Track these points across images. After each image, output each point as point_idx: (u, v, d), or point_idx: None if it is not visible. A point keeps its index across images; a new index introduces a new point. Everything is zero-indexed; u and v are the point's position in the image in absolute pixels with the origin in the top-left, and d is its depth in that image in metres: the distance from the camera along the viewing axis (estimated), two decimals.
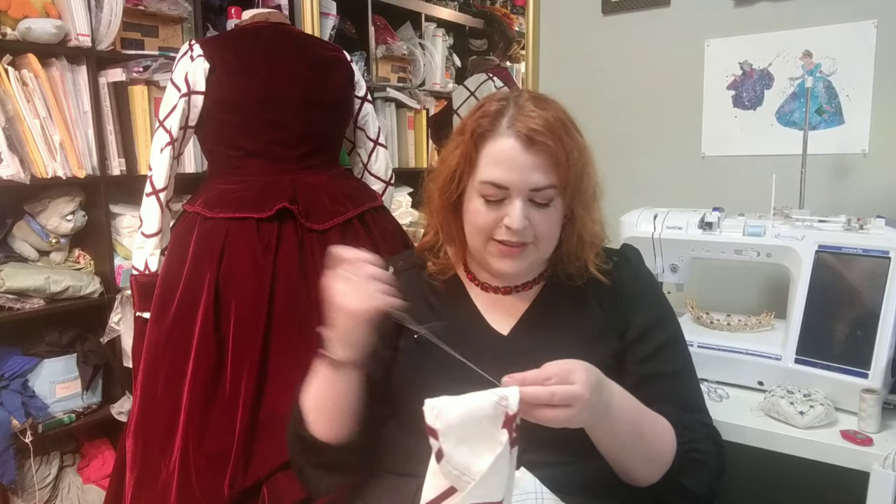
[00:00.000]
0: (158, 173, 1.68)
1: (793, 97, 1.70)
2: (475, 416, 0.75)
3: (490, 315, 1.06)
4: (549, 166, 0.94)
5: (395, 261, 1.15)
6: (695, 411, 1.02)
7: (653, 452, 0.93)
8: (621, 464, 0.94)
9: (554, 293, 1.06)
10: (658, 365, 1.02)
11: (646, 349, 1.02)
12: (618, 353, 1.02)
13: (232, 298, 1.58)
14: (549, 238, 0.99)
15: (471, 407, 0.76)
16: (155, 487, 1.52)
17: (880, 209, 1.41)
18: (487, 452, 0.75)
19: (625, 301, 1.05)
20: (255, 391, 1.55)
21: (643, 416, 0.93)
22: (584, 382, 0.80)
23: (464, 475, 0.75)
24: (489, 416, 0.75)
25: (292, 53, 1.78)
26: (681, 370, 1.05)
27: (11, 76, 1.90)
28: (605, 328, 1.03)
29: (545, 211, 0.96)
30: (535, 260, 1.02)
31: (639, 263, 1.11)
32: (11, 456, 1.88)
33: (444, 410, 0.76)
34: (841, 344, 1.25)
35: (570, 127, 0.97)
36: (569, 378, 0.80)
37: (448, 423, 0.76)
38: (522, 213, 0.94)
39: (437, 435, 0.76)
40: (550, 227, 0.98)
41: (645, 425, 0.93)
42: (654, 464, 0.94)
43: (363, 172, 2.03)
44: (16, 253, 2.08)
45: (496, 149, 0.95)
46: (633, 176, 1.88)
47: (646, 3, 1.87)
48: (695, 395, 1.06)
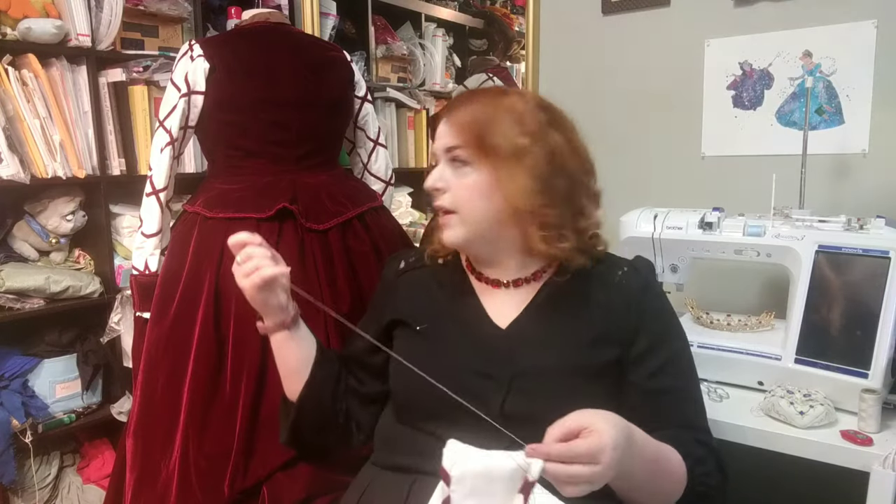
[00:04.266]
0: (158, 173, 1.68)
1: (793, 97, 1.70)
2: (492, 474, 0.75)
3: (491, 308, 1.07)
4: (457, 130, 1.01)
5: (408, 255, 1.19)
6: (698, 430, 1.03)
7: (666, 491, 0.95)
8: (631, 500, 0.94)
9: (555, 291, 1.06)
10: (664, 380, 1.02)
11: (652, 364, 1.02)
12: (618, 361, 1.01)
13: (232, 298, 1.58)
14: (471, 201, 1.00)
15: (490, 464, 0.75)
16: (155, 487, 1.52)
17: (880, 209, 1.41)
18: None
19: (632, 312, 1.03)
20: (255, 391, 1.55)
21: (660, 461, 0.93)
22: (608, 464, 0.78)
23: None
24: (506, 478, 0.74)
25: (292, 53, 1.78)
26: (686, 386, 1.05)
27: (11, 76, 1.90)
28: (605, 334, 1.02)
29: (461, 173, 1.01)
30: (471, 231, 1.01)
31: (649, 276, 1.09)
32: (11, 456, 1.88)
33: (463, 459, 0.76)
34: (841, 344, 1.25)
35: (489, 104, 1.02)
36: (596, 458, 0.78)
37: (463, 473, 0.75)
38: (436, 174, 1.03)
39: (450, 482, 0.76)
40: (469, 190, 1.01)
41: (661, 469, 0.93)
42: (664, 499, 0.95)
43: (363, 172, 2.03)
44: (16, 253, 2.08)
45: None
46: (633, 176, 1.88)
47: (646, 3, 1.87)
48: (699, 412, 1.06)
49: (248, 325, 1.56)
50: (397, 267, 1.17)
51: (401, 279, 1.15)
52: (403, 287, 1.14)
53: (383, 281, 1.19)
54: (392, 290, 1.15)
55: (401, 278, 1.15)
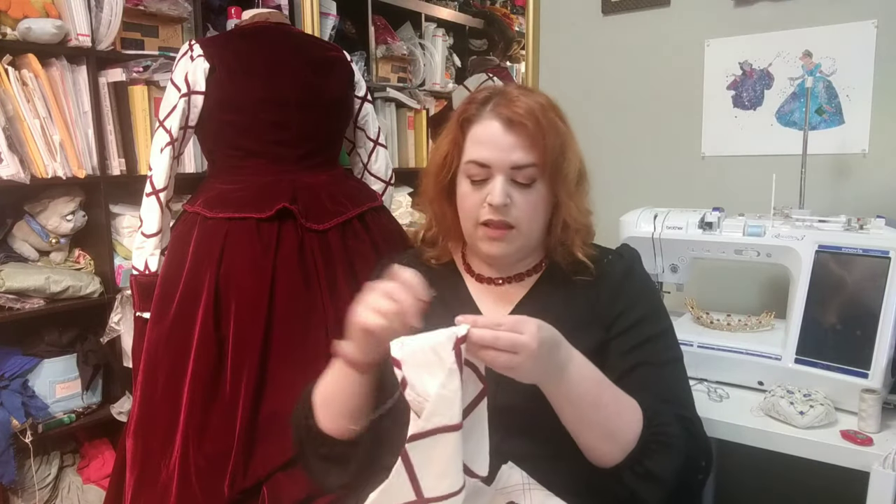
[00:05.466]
0: (158, 173, 1.68)
1: (793, 97, 1.70)
2: (432, 344, 0.81)
3: (484, 305, 1.08)
4: (528, 146, 0.98)
5: (400, 259, 1.16)
6: (675, 404, 1.01)
7: (613, 427, 0.92)
8: (582, 437, 0.93)
9: (547, 286, 1.07)
10: (642, 356, 1.02)
11: (630, 341, 1.03)
12: (601, 344, 1.02)
13: (232, 298, 1.58)
14: (532, 220, 1.02)
15: (428, 337, 0.82)
16: (155, 487, 1.52)
17: (880, 209, 1.41)
18: (441, 375, 0.79)
19: (614, 295, 1.05)
20: (255, 391, 1.55)
21: (604, 387, 0.93)
22: (532, 335, 0.82)
23: (425, 401, 0.80)
24: (443, 343, 0.80)
25: (292, 53, 1.78)
26: (666, 364, 1.04)
27: (11, 76, 1.90)
28: (590, 320, 1.03)
29: (527, 191, 1.00)
30: (522, 245, 1.04)
31: (633, 261, 1.11)
32: (11, 456, 1.88)
33: (407, 341, 0.82)
34: (841, 344, 1.25)
35: (552, 112, 1.01)
36: (518, 328, 0.82)
37: (409, 351, 0.81)
38: (503, 189, 0.98)
39: (400, 364, 0.81)
40: (532, 208, 1.01)
41: (606, 397, 0.92)
42: (616, 441, 0.92)
43: (363, 172, 2.03)
44: (16, 253, 2.07)
45: (480, 130, 1.01)
46: (633, 176, 1.88)
47: (646, 3, 1.87)
48: (679, 390, 1.05)
49: (248, 325, 1.57)
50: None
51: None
52: None
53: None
54: None
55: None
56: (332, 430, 1.02)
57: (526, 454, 0.95)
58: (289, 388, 1.54)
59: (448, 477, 0.80)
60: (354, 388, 0.98)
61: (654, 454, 0.93)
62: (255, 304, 1.58)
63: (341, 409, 1.01)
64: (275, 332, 1.59)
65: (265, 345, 1.57)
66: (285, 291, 1.60)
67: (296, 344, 1.59)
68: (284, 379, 1.56)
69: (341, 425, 1.01)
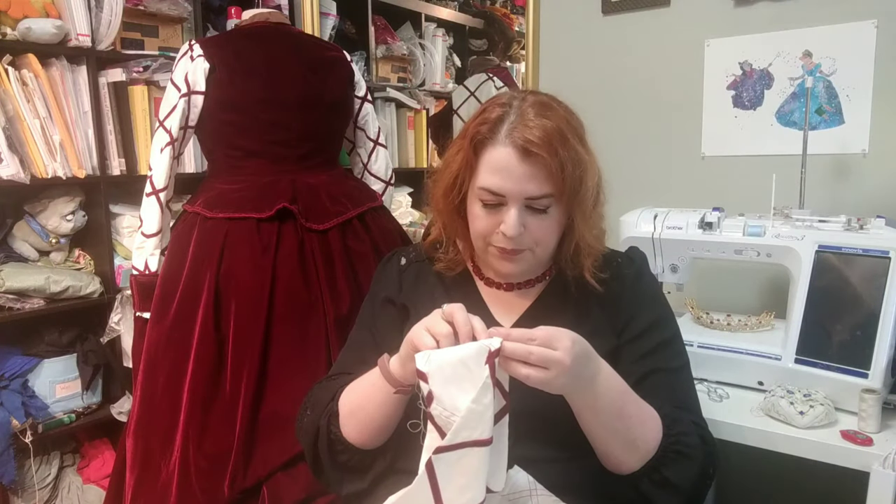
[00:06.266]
0: (158, 173, 1.68)
1: (793, 97, 1.70)
2: (461, 358, 0.80)
3: (495, 309, 1.08)
4: (544, 176, 0.94)
5: (408, 252, 1.16)
6: (689, 412, 1.02)
7: (634, 436, 0.92)
8: (602, 444, 0.93)
9: (557, 291, 1.07)
10: (656, 362, 1.02)
11: (644, 346, 1.03)
12: (614, 350, 1.02)
13: (232, 298, 1.58)
14: (547, 242, 1.01)
15: (458, 351, 0.81)
16: (155, 487, 1.52)
17: (880, 209, 1.41)
18: (471, 388, 0.78)
19: (625, 301, 1.05)
20: (255, 391, 1.55)
21: (628, 398, 0.93)
22: (566, 350, 0.82)
23: (453, 415, 0.78)
24: (473, 356, 0.79)
25: (292, 53, 1.78)
26: (678, 370, 1.05)
27: (11, 76, 1.90)
28: (601, 326, 1.03)
29: (542, 217, 0.97)
30: (534, 263, 1.03)
31: (642, 265, 1.12)
32: (11, 456, 1.88)
33: (434, 355, 0.81)
34: (841, 344, 1.25)
35: (571, 137, 0.95)
36: (552, 343, 0.82)
37: (437, 365, 0.80)
38: (517, 221, 0.95)
39: (427, 378, 0.80)
40: (547, 232, 0.99)
41: (629, 407, 0.92)
42: (636, 450, 0.93)
43: (363, 172, 2.03)
44: (16, 253, 2.07)
45: (494, 157, 0.95)
46: (633, 176, 1.88)
47: (646, 3, 1.87)
48: (691, 397, 1.06)
49: (248, 325, 1.57)
50: (399, 263, 1.15)
51: (404, 276, 1.14)
52: (408, 284, 1.13)
53: (385, 273, 1.16)
54: (398, 284, 1.13)
55: (403, 275, 1.14)
56: (356, 440, 1.01)
57: (537, 457, 0.94)
58: (289, 388, 1.54)
59: (470, 490, 0.79)
60: (388, 403, 0.96)
61: (672, 463, 0.93)
62: (255, 304, 1.58)
63: (370, 420, 0.99)
64: (275, 331, 1.59)
65: (265, 345, 1.57)
66: (285, 291, 1.60)
67: (296, 344, 1.59)
68: (284, 379, 1.57)
69: (364, 436, 1.00)
